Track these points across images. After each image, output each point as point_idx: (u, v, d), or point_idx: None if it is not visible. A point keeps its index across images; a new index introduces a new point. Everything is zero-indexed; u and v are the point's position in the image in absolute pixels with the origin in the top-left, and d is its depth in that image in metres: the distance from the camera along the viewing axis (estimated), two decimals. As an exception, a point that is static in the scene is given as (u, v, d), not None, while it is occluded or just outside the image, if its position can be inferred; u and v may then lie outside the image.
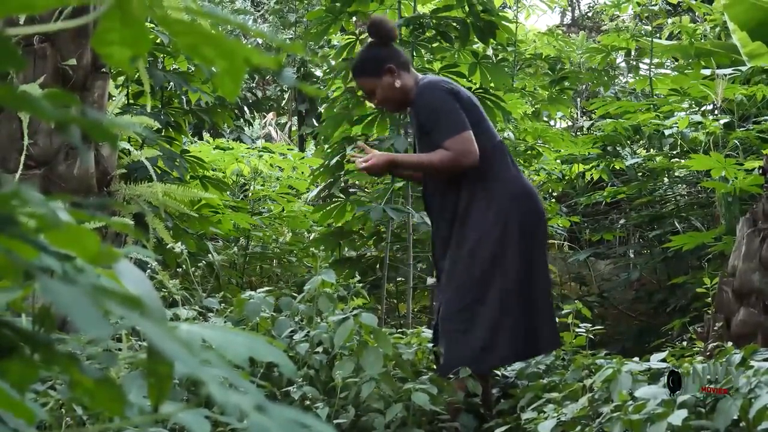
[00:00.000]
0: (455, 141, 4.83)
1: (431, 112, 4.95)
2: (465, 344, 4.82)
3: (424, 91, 5.01)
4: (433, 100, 4.97)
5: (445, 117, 4.89)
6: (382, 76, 5.04)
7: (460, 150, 4.82)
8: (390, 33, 5.13)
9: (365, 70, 5.11)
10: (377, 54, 5.10)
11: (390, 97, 5.08)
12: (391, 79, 5.04)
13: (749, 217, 5.27)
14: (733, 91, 7.71)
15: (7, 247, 1.12)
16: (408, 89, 5.07)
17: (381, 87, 5.06)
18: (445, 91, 5.00)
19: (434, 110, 4.94)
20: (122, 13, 1.13)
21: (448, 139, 4.83)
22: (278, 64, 1.18)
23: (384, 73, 5.04)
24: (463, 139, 4.84)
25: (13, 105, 1.11)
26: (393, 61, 5.06)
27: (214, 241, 8.64)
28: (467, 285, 4.89)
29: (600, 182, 9.66)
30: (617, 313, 9.02)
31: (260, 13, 15.39)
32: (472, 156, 4.83)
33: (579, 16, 21.44)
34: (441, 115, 4.91)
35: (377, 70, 5.05)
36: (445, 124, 4.87)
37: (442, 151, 4.84)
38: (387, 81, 5.04)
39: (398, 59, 5.09)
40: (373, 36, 5.14)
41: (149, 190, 5.61)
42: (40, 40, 5.27)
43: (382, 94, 5.08)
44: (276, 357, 1.40)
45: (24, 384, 1.25)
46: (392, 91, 5.06)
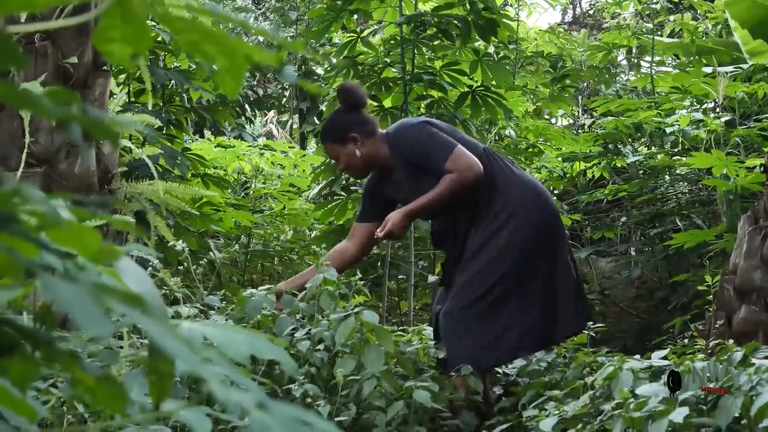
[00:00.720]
0: (453, 160, 4.85)
1: (415, 147, 5.01)
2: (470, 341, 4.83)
3: (397, 134, 5.10)
4: (415, 137, 5.04)
5: (431, 144, 4.95)
6: (346, 144, 5.12)
7: (463, 166, 4.84)
8: (360, 100, 5.19)
9: (330, 137, 5.20)
10: (343, 121, 5.17)
11: (352, 164, 5.17)
12: (354, 147, 5.10)
13: (750, 214, 5.26)
14: (735, 88, 7.70)
15: (9, 245, 1.12)
16: (371, 155, 5.13)
17: (344, 154, 5.13)
18: (417, 124, 5.13)
19: (417, 144, 5.01)
20: (123, 10, 1.13)
21: (446, 161, 4.85)
22: (279, 61, 1.18)
23: (348, 141, 5.11)
24: (459, 156, 4.86)
25: (15, 103, 1.11)
26: (357, 130, 5.11)
27: (216, 239, 8.64)
28: (476, 284, 4.91)
29: (601, 180, 9.65)
30: (618, 311, 9.01)
31: (261, 11, 15.39)
32: (475, 168, 4.86)
33: (580, 14, 21.42)
34: (425, 144, 4.97)
35: (341, 137, 5.12)
36: (435, 150, 4.92)
37: (445, 177, 4.86)
38: (350, 149, 5.11)
39: (364, 127, 5.14)
40: (342, 102, 5.20)
41: (150, 188, 5.60)
42: (41, 38, 5.27)
43: (345, 161, 5.17)
44: (277, 355, 1.40)
45: (25, 382, 1.25)
46: (354, 159, 5.13)
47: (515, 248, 4.92)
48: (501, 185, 5.00)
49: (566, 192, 10.42)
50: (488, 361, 4.90)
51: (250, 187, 9.11)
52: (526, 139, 8.75)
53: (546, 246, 5.00)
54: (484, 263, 4.94)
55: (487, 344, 4.85)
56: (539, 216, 5.02)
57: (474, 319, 4.88)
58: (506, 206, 4.96)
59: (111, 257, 1.23)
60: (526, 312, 4.91)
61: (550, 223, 5.06)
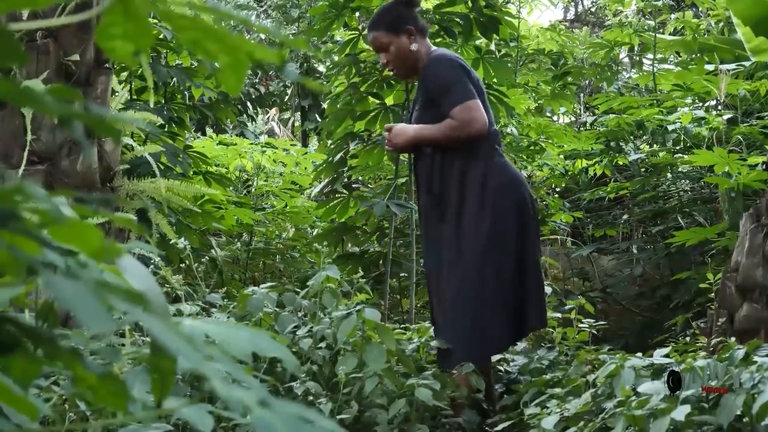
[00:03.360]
0: (461, 109, 4.83)
1: (440, 82, 4.95)
2: (460, 334, 4.81)
3: (435, 61, 5.02)
4: (443, 71, 4.98)
5: (453, 87, 4.89)
6: (400, 35, 5.06)
7: (467, 118, 4.83)
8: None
9: (385, 24, 5.10)
10: (401, 12, 5.11)
11: (402, 57, 5.10)
12: (408, 41, 5.06)
13: (752, 212, 5.26)
14: (737, 86, 7.70)
15: (11, 243, 1.12)
16: (420, 56, 5.09)
17: (396, 45, 5.07)
18: (456, 64, 5.02)
19: (443, 80, 4.94)
20: (125, 7, 1.13)
21: (455, 107, 4.83)
22: (281, 59, 1.18)
23: (402, 33, 5.06)
24: (469, 107, 4.84)
25: (16, 101, 1.11)
26: (414, 24, 5.06)
27: (217, 237, 8.65)
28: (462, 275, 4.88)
29: (603, 178, 9.66)
30: (620, 309, 9.01)
31: (263, 9, 15.40)
32: (478, 124, 4.84)
33: (582, 12, 21.42)
34: (449, 85, 4.91)
35: (397, 27, 5.06)
36: (453, 93, 4.87)
37: (449, 121, 4.85)
38: (404, 41, 5.06)
39: (418, 24, 5.09)
40: None
41: (152, 185, 5.61)
42: (43, 35, 5.27)
43: (395, 53, 5.09)
44: (279, 352, 1.40)
45: (27, 379, 1.25)
46: (406, 53, 5.08)
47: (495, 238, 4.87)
48: (491, 163, 4.95)
49: (568, 190, 10.42)
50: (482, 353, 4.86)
51: (251, 185, 9.12)
52: (528, 137, 8.74)
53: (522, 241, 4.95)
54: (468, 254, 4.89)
55: (477, 337, 4.82)
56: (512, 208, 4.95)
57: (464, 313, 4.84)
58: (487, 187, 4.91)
59: (113, 255, 1.23)
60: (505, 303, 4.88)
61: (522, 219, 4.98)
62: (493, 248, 4.85)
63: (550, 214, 8.86)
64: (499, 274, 4.85)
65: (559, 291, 7.95)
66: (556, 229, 9.56)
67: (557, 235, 10.05)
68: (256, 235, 8.85)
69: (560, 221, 9.22)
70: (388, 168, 7.80)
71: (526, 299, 4.90)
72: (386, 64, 5.18)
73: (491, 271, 4.84)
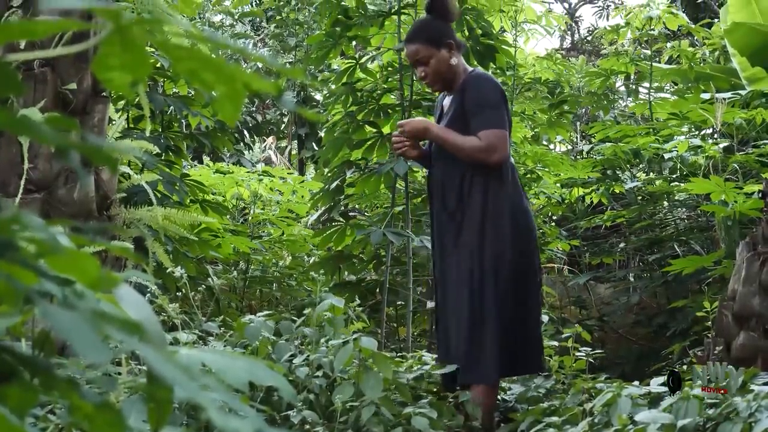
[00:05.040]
0: (491, 134, 4.84)
1: (480, 98, 4.96)
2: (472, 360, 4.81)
3: (481, 78, 5.06)
4: (487, 90, 5.00)
5: (491, 110, 4.91)
6: (441, 49, 5.06)
7: (493, 144, 4.83)
8: (452, 13, 5.20)
9: (426, 38, 5.10)
10: (441, 26, 5.13)
11: (441, 71, 5.10)
12: (449, 54, 5.07)
13: (749, 240, 5.27)
14: (733, 114, 7.72)
15: (7, 272, 1.12)
16: (458, 71, 5.11)
17: (437, 59, 5.07)
18: (500, 89, 5.05)
19: (485, 99, 4.96)
20: (122, 38, 1.14)
21: (486, 130, 4.84)
22: (278, 89, 1.19)
23: (444, 46, 5.07)
24: (498, 135, 4.85)
25: (14, 130, 1.12)
26: (453, 38, 5.09)
27: (214, 265, 8.64)
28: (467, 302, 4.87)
29: (600, 206, 9.67)
30: (617, 337, 9.00)
31: (260, 37, 15.43)
32: (500, 154, 4.84)
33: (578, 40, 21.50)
34: (489, 106, 4.92)
35: (439, 40, 5.07)
36: (489, 116, 4.88)
37: (474, 138, 4.85)
38: (444, 55, 5.07)
39: (456, 39, 5.13)
40: (436, 10, 5.17)
41: (149, 214, 5.61)
42: (41, 64, 5.28)
43: (436, 66, 5.08)
44: (276, 381, 1.40)
45: (23, 408, 1.24)
46: (446, 67, 5.09)
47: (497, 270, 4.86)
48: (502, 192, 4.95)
49: (565, 218, 10.43)
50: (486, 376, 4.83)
51: (248, 213, 9.13)
52: (524, 165, 8.75)
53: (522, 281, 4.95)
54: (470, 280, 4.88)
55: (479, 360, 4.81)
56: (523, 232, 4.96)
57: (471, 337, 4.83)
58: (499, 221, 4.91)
59: (110, 284, 1.23)
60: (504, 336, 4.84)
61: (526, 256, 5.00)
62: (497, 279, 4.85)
63: (546, 243, 8.87)
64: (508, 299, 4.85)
65: (556, 319, 7.94)
66: (553, 257, 9.57)
67: (554, 264, 10.05)
68: (253, 263, 8.84)
69: (557, 249, 9.22)
70: (385, 196, 7.81)
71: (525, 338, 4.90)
72: (424, 77, 5.17)
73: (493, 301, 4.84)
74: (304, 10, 13.97)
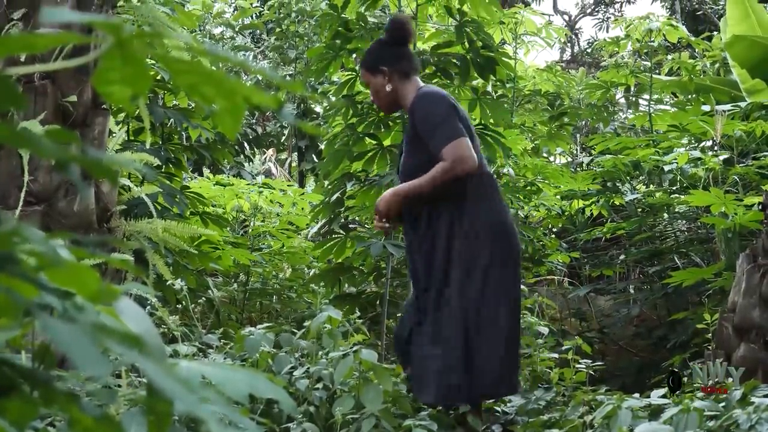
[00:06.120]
0: (451, 147, 4.78)
1: (428, 117, 4.93)
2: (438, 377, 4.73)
3: (422, 98, 5.02)
4: (431, 107, 4.97)
5: (442, 124, 4.87)
6: (376, 75, 5.15)
7: (458, 156, 4.78)
8: (403, 38, 5.19)
9: (365, 63, 5.23)
10: (379, 53, 5.19)
11: (378, 96, 5.20)
12: (382, 81, 5.13)
13: (749, 252, 5.27)
14: (733, 126, 7.73)
15: (8, 285, 1.12)
16: (399, 95, 5.14)
17: (372, 84, 5.18)
18: (445, 101, 5.01)
19: (433, 117, 4.92)
20: (123, 52, 1.14)
21: (445, 147, 4.81)
22: (278, 103, 1.19)
23: (377, 73, 5.14)
24: (458, 145, 4.80)
25: (14, 143, 1.12)
26: (390, 65, 5.12)
27: (214, 278, 8.64)
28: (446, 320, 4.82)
29: (600, 218, 9.67)
30: (617, 349, 9.00)
31: (260, 50, 15.44)
32: (469, 161, 4.79)
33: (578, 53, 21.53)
34: (438, 121, 4.88)
35: (374, 67, 5.16)
36: (441, 131, 4.84)
37: (440, 164, 4.81)
38: (379, 81, 5.14)
39: (398, 65, 5.13)
40: (388, 33, 5.22)
41: (149, 226, 5.61)
42: (41, 77, 5.29)
43: (373, 91, 5.21)
44: (276, 393, 1.40)
45: (23, 421, 1.24)
46: (381, 92, 5.16)
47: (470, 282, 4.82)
48: (480, 205, 4.92)
49: (565, 230, 10.43)
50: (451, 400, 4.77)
51: (248, 225, 9.13)
52: (524, 177, 8.76)
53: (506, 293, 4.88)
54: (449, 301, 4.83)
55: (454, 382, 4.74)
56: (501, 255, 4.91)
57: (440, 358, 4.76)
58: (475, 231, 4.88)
59: (110, 297, 1.23)
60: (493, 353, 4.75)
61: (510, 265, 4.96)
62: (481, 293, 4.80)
63: (546, 255, 8.87)
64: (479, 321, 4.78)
65: (556, 331, 7.93)
66: (553, 270, 9.57)
67: (554, 276, 10.06)
68: (253, 275, 8.84)
69: (557, 261, 9.22)
70: (385, 208, 7.80)
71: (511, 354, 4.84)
72: (372, 99, 5.30)
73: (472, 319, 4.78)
74: (304, 22, 13.98)
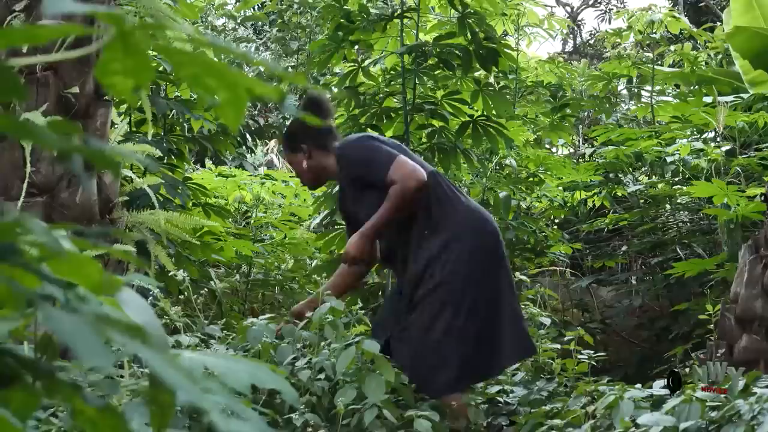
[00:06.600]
0: (393, 172, 4.83)
1: (358, 161, 5.03)
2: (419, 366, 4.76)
3: (343, 151, 5.12)
4: (355, 151, 5.08)
5: (372, 157, 4.96)
6: (296, 153, 5.24)
7: (403, 174, 4.82)
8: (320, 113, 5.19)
9: (285, 144, 5.35)
10: (297, 131, 5.28)
11: (302, 173, 5.28)
12: (302, 157, 5.20)
13: (751, 243, 5.27)
14: (735, 118, 7.72)
15: (10, 276, 1.13)
16: (320, 169, 5.23)
17: (294, 162, 5.27)
18: (362, 139, 5.18)
19: (360, 158, 5.03)
20: (125, 43, 1.14)
21: (388, 172, 4.84)
22: (280, 94, 1.19)
23: (297, 150, 5.23)
24: (398, 165, 4.85)
25: (16, 134, 1.12)
26: (308, 141, 5.19)
27: (216, 269, 8.63)
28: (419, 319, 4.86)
29: (602, 209, 9.66)
30: (619, 340, 9.00)
31: (262, 41, 15.42)
32: (416, 173, 4.83)
33: (580, 44, 21.50)
34: (368, 157, 4.98)
35: (292, 146, 5.26)
36: (376, 163, 4.92)
37: (391, 189, 4.84)
38: (299, 158, 5.22)
39: (316, 140, 5.20)
40: (308, 108, 5.27)
41: (151, 217, 5.61)
42: (43, 68, 5.28)
43: (296, 170, 5.30)
44: (278, 384, 1.40)
45: (26, 412, 1.25)
46: (302, 169, 5.24)
47: (453, 279, 4.84)
48: (443, 208, 4.94)
49: (567, 221, 10.43)
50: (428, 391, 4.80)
51: (251, 217, 9.11)
52: (526, 169, 8.75)
53: (487, 274, 4.90)
54: (423, 296, 4.88)
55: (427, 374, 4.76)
56: (478, 244, 4.91)
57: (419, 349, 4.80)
58: (445, 231, 4.89)
59: (112, 288, 1.23)
60: (466, 343, 4.78)
61: (490, 250, 4.94)
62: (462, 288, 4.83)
63: (549, 246, 8.86)
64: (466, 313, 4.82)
65: (558, 322, 7.93)
66: (555, 261, 9.56)
67: (556, 267, 10.05)
68: (256, 266, 8.83)
69: (559, 253, 9.21)
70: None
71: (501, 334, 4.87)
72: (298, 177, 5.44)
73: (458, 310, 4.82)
74: (306, 13, 13.96)
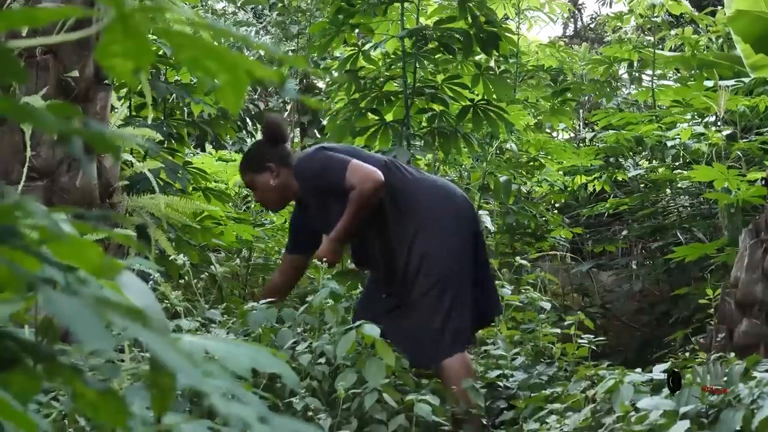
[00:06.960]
0: (349, 176, 4.91)
1: (313, 173, 5.10)
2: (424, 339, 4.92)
3: (298, 168, 5.18)
4: (309, 164, 5.15)
5: (327, 166, 5.04)
6: (263, 173, 5.24)
7: (360, 176, 4.91)
8: (281, 136, 5.32)
9: (248, 166, 5.34)
10: (262, 151, 5.31)
11: (267, 193, 5.29)
12: (269, 176, 5.22)
13: (752, 228, 5.27)
14: (736, 102, 7.71)
15: (10, 259, 1.12)
16: (285, 187, 5.26)
17: (260, 183, 5.26)
18: (313, 151, 5.24)
19: (314, 169, 5.09)
20: (125, 25, 1.14)
21: (345, 178, 4.91)
22: (280, 77, 1.19)
23: (264, 170, 5.23)
24: (353, 169, 4.94)
25: (16, 117, 1.12)
26: (276, 159, 5.23)
27: (217, 253, 8.63)
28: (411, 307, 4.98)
29: (602, 193, 9.65)
30: (620, 325, 9.00)
31: (262, 25, 15.38)
32: (373, 175, 4.92)
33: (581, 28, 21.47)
34: (323, 166, 5.06)
35: (258, 166, 5.25)
36: (331, 171, 5.00)
37: (351, 194, 4.92)
38: (265, 177, 5.23)
39: (280, 159, 5.23)
40: (265, 134, 5.40)
41: (152, 201, 5.60)
42: (43, 51, 5.27)
43: (261, 190, 5.29)
44: (278, 368, 1.40)
45: (27, 395, 1.25)
46: (268, 188, 5.25)
47: (435, 259, 4.99)
48: (406, 194, 5.08)
49: (567, 205, 10.43)
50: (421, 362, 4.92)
51: (251, 201, 9.11)
52: (527, 153, 8.74)
53: (466, 244, 5.09)
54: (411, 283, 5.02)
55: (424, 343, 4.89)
56: (449, 216, 5.08)
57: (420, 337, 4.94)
58: (415, 216, 5.03)
59: (112, 271, 1.23)
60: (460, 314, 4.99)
61: (463, 217, 5.15)
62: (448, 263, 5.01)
63: (549, 230, 8.87)
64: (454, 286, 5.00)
65: (559, 307, 7.93)
66: (556, 245, 9.55)
67: (556, 251, 10.05)
68: (256, 250, 8.83)
69: (559, 237, 9.21)
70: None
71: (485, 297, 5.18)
72: (257, 200, 5.50)
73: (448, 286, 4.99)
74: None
